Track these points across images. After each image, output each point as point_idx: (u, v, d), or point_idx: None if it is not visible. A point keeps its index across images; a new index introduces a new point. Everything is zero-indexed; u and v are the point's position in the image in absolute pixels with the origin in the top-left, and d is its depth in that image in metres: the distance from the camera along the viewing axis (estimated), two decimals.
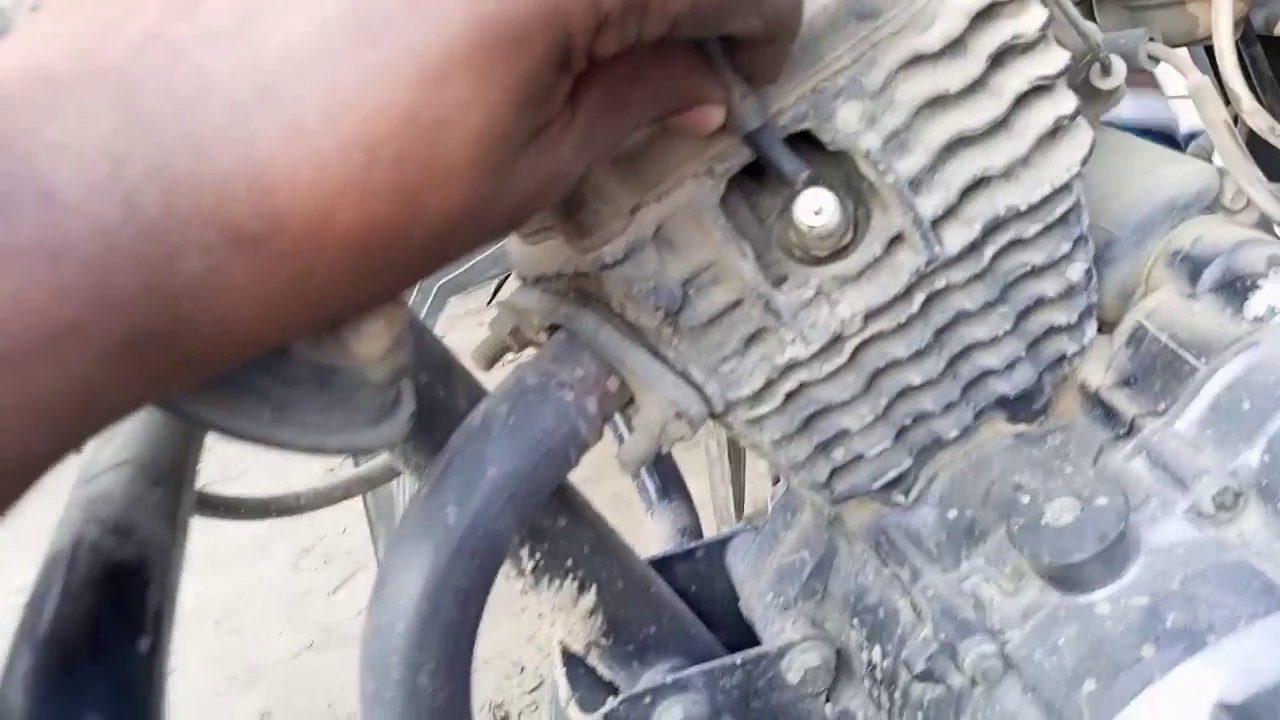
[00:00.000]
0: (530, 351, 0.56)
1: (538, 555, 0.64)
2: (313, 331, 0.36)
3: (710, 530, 0.98)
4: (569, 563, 0.64)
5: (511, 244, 0.57)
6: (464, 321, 2.91)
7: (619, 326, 0.52)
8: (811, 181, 0.52)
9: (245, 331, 0.30)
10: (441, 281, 1.75)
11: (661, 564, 0.78)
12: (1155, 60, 0.68)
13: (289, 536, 2.60)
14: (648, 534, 0.93)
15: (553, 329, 0.55)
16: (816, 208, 0.48)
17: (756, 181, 0.52)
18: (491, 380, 0.57)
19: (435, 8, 0.29)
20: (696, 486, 1.04)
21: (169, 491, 0.39)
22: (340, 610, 2.42)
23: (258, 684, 2.30)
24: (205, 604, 2.46)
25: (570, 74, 0.33)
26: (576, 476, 0.57)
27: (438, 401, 0.60)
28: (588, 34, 0.32)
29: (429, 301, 1.76)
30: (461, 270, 1.78)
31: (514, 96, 0.31)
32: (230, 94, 0.28)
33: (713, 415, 0.54)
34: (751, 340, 0.52)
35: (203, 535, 0.54)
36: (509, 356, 0.58)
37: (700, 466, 1.69)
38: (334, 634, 2.34)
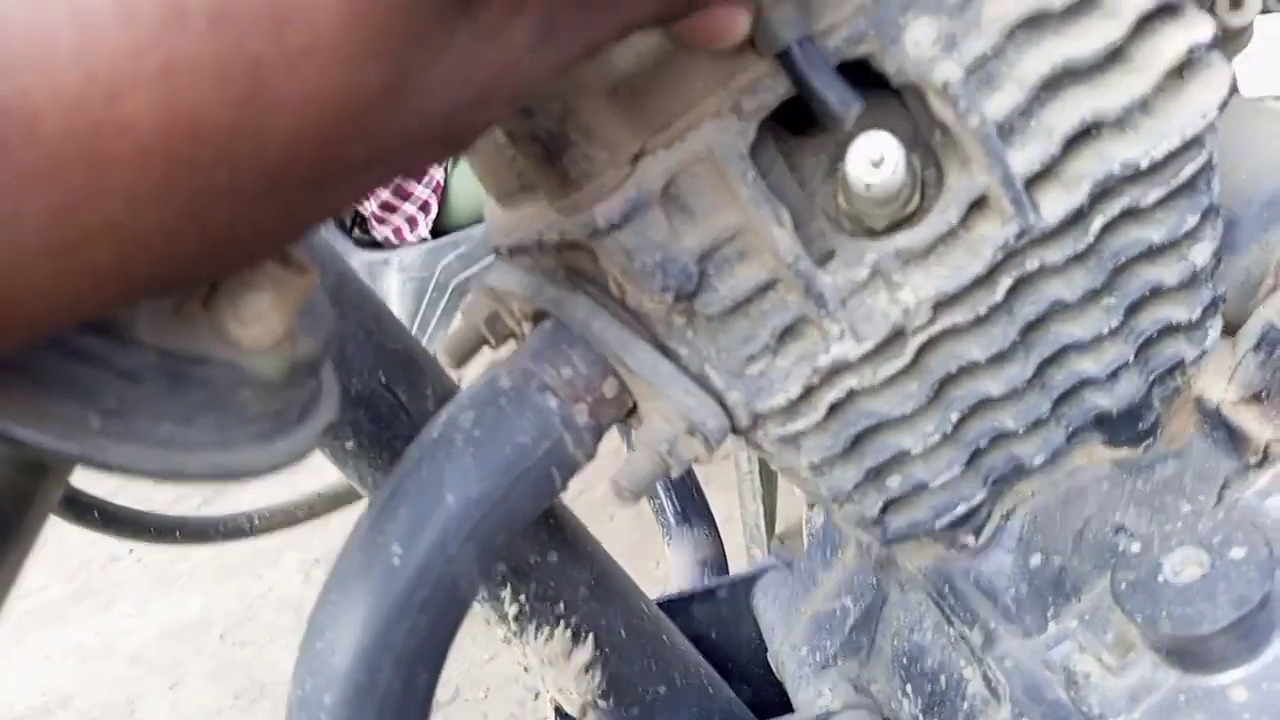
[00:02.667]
0: (511, 347, 0.45)
1: (523, 598, 0.52)
2: (141, 300, 0.24)
3: (737, 556, 0.86)
4: (561, 607, 0.53)
5: (487, 209, 0.45)
6: None
7: (617, 314, 0.41)
8: (868, 123, 0.41)
9: None
10: (459, 277, 1.62)
11: (676, 605, 0.66)
12: None
13: (299, 546, 2.49)
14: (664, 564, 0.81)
15: (538, 317, 0.43)
16: (876, 155, 0.36)
17: (795, 132, 0.40)
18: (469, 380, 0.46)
19: None
20: (721, 503, 0.92)
21: None
22: None
23: (262, 700, 2.20)
24: (211, 615, 2.37)
25: None
26: (577, 491, 0.45)
27: (398, 405, 0.49)
28: None
29: (444, 300, 1.63)
30: (482, 266, 1.64)
31: None
32: None
33: (735, 430, 0.42)
34: (787, 334, 0.41)
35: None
36: (485, 352, 0.47)
37: (728, 480, 1.57)
38: None
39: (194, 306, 0.28)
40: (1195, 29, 0.38)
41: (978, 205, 0.39)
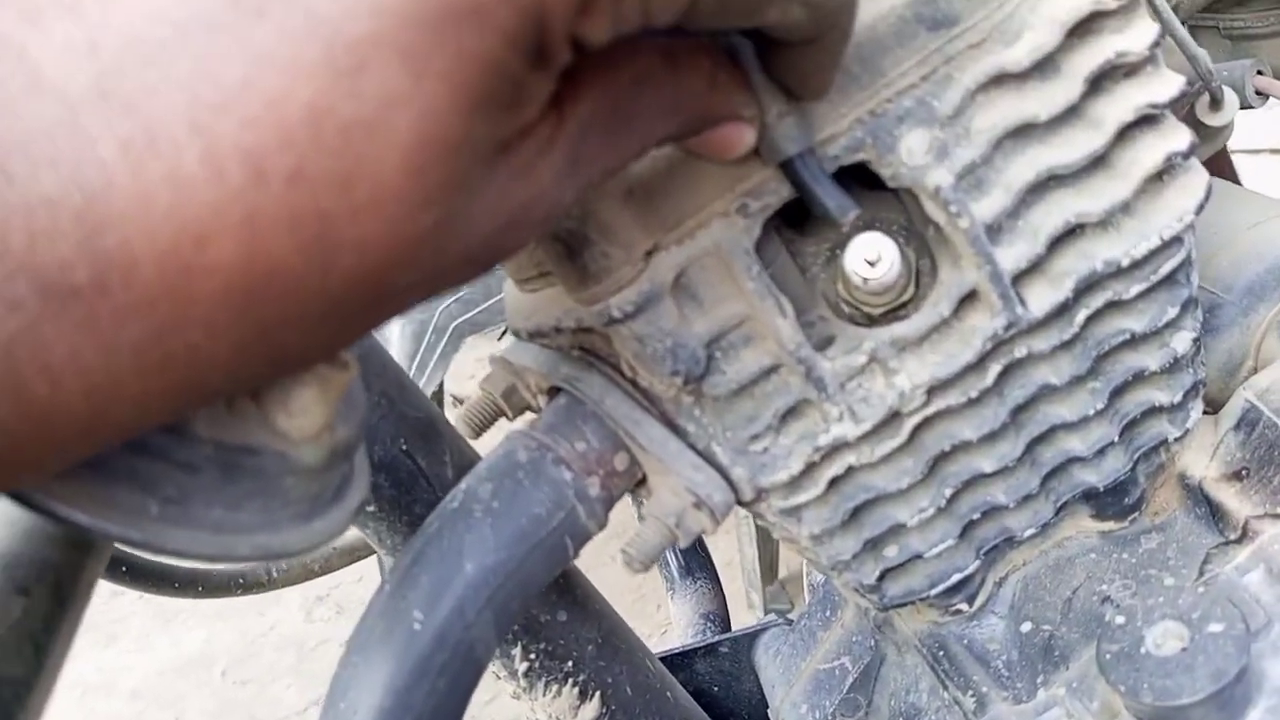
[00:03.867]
0: (527, 419, 0.47)
1: (533, 655, 0.55)
2: (208, 405, 0.27)
3: (737, 600, 0.88)
4: (569, 665, 0.55)
5: (506, 290, 0.48)
6: (482, 368, 2.83)
7: (630, 392, 0.43)
8: (865, 224, 0.44)
9: (87, 412, 0.22)
10: (458, 320, 1.64)
11: (680, 660, 0.68)
12: (1263, 97, 0.59)
13: (301, 585, 2.50)
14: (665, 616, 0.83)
15: (553, 392, 0.46)
16: (872, 255, 0.39)
17: (798, 224, 0.43)
18: (487, 448, 0.48)
19: None
20: (722, 547, 0.94)
21: (39, 601, 0.30)
22: None
23: None
24: (212, 652, 2.38)
25: (549, 68, 0.25)
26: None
27: (417, 471, 0.51)
28: (569, 10, 0.23)
29: (442, 343, 1.65)
30: (479, 310, 1.66)
31: (466, 93, 0.23)
32: (58, 88, 0.20)
33: (740, 503, 0.45)
34: (789, 415, 0.43)
35: None
36: (502, 423, 0.49)
37: (728, 524, 1.59)
38: None
39: (246, 402, 0.31)
40: (1173, 138, 0.41)
41: (969, 298, 0.42)
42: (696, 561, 0.85)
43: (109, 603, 2.61)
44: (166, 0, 0.21)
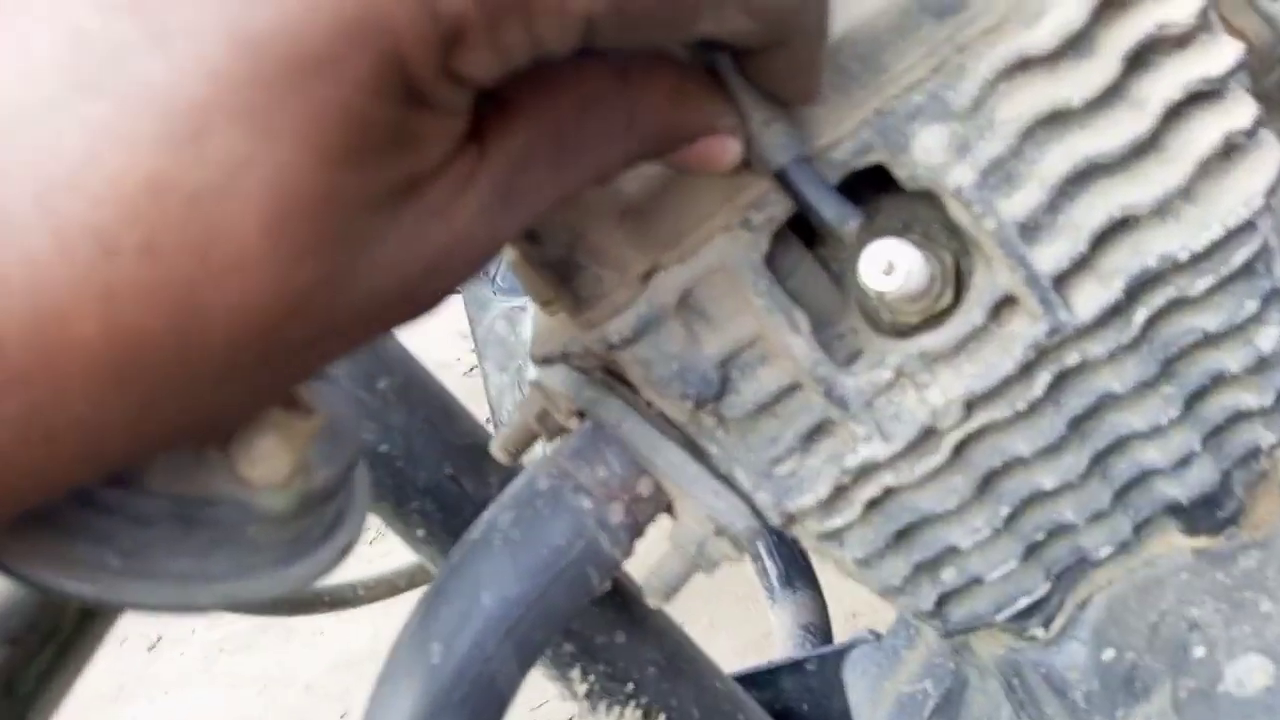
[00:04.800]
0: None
1: (591, 677, 0.54)
2: (132, 464, 0.27)
3: (841, 620, 0.85)
4: (630, 686, 0.54)
5: (533, 313, 0.47)
6: None
7: (648, 415, 0.42)
8: (904, 227, 0.41)
9: None
10: None
11: (765, 678, 0.66)
12: None
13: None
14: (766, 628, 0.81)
15: (581, 416, 0.45)
16: (884, 265, 0.36)
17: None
18: None
19: (183, 27, 0.20)
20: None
21: (23, 650, 0.31)
22: None
23: None
24: (378, 646, 2.45)
25: (434, 108, 0.24)
26: None
27: (463, 494, 0.51)
28: (431, 51, 0.22)
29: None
30: None
31: (322, 147, 0.22)
32: None
33: (770, 529, 0.43)
34: (814, 435, 0.41)
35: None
36: (541, 446, 0.48)
37: None
38: None
39: (212, 450, 0.31)
40: (1234, 114, 0.37)
41: (1007, 303, 0.39)
42: (797, 569, 0.82)
43: None
44: (7, 80, 0.20)
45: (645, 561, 0.44)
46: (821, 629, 0.79)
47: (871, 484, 0.41)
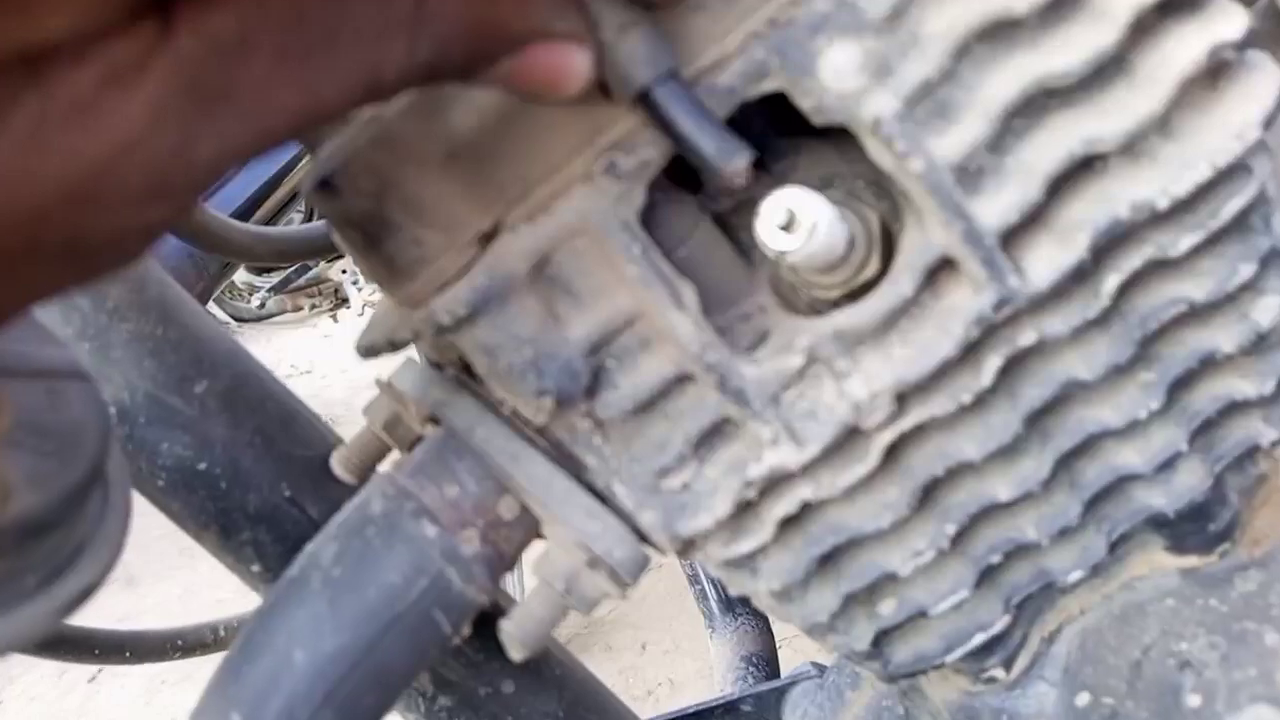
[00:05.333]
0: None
1: None
2: None
3: (786, 650, 0.76)
4: None
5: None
6: None
7: (508, 419, 0.34)
8: (823, 181, 0.33)
9: None
10: None
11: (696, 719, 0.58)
12: None
13: None
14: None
15: (435, 422, 0.37)
16: (784, 218, 0.28)
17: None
18: None
19: None
20: None
21: None
22: None
23: None
24: None
25: None
26: None
27: (305, 521, 0.42)
28: None
29: None
30: None
31: None
32: None
33: (669, 553, 0.34)
34: (709, 439, 0.33)
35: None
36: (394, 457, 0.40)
37: None
38: None
39: None
40: (1218, 24, 0.29)
41: (944, 269, 0.31)
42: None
43: None
44: None
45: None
46: (766, 659, 0.71)
47: (785, 498, 0.33)
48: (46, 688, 2.42)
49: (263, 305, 3.07)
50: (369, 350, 0.33)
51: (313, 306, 3.13)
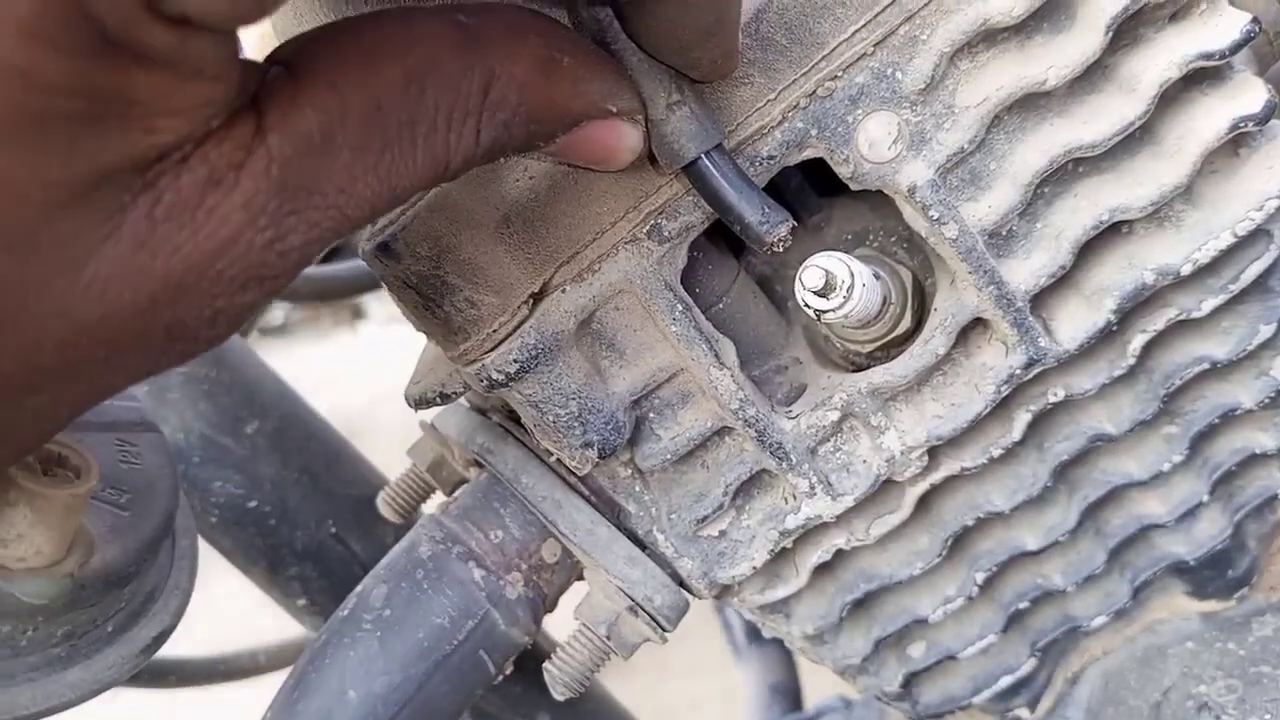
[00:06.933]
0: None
1: None
2: None
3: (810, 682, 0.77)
4: None
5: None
6: None
7: (552, 466, 0.35)
8: (856, 240, 0.34)
9: None
10: None
11: None
12: None
13: None
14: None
15: (479, 465, 0.38)
16: (821, 281, 0.29)
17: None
18: None
19: None
20: None
21: None
22: None
23: None
24: None
25: (149, 61, 0.17)
26: None
27: (350, 557, 0.44)
28: None
29: None
30: None
31: None
32: None
33: (703, 598, 0.36)
34: (747, 490, 0.34)
35: None
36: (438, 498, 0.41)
37: None
38: None
39: None
40: (1241, 97, 0.30)
41: (976, 329, 0.32)
42: None
43: None
44: None
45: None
46: (790, 689, 0.72)
47: (819, 546, 0.35)
48: None
49: (284, 319, 3.09)
50: (420, 402, 0.34)
51: (332, 319, 3.15)
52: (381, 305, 3.03)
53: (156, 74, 0.17)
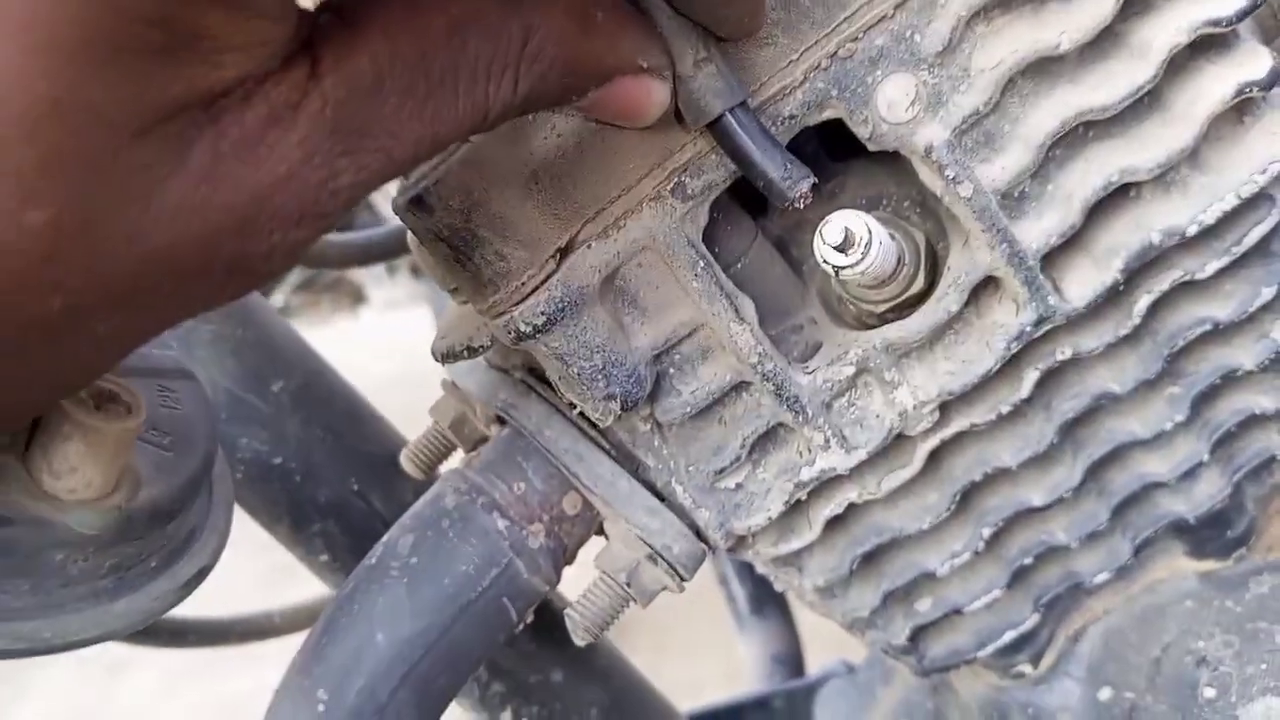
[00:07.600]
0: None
1: (524, 718, 0.47)
2: None
3: (814, 649, 0.79)
4: None
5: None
6: None
7: (574, 421, 0.36)
8: (870, 202, 0.35)
9: None
10: None
11: (728, 716, 0.60)
12: None
13: None
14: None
15: (501, 421, 0.39)
16: (841, 237, 0.30)
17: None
18: None
19: None
20: None
21: None
22: None
23: None
24: None
25: (239, 5, 0.18)
26: None
27: (372, 513, 0.45)
28: None
29: None
30: None
31: (57, 41, 0.16)
32: None
33: (714, 550, 0.37)
34: (764, 443, 0.35)
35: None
36: (458, 456, 0.42)
37: None
38: None
39: (9, 458, 0.25)
40: (1246, 65, 0.31)
41: (987, 287, 0.33)
42: (767, 593, 0.76)
43: None
44: None
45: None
46: (792, 659, 0.73)
47: (832, 500, 0.36)
48: (64, 677, 2.45)
49: (284, 303, 3.09)
50: (448, 355, 0.35)
51: (332, 305, 3.16)
52: (381, 291, 3.03)
53: (224, 11, 0.18)
